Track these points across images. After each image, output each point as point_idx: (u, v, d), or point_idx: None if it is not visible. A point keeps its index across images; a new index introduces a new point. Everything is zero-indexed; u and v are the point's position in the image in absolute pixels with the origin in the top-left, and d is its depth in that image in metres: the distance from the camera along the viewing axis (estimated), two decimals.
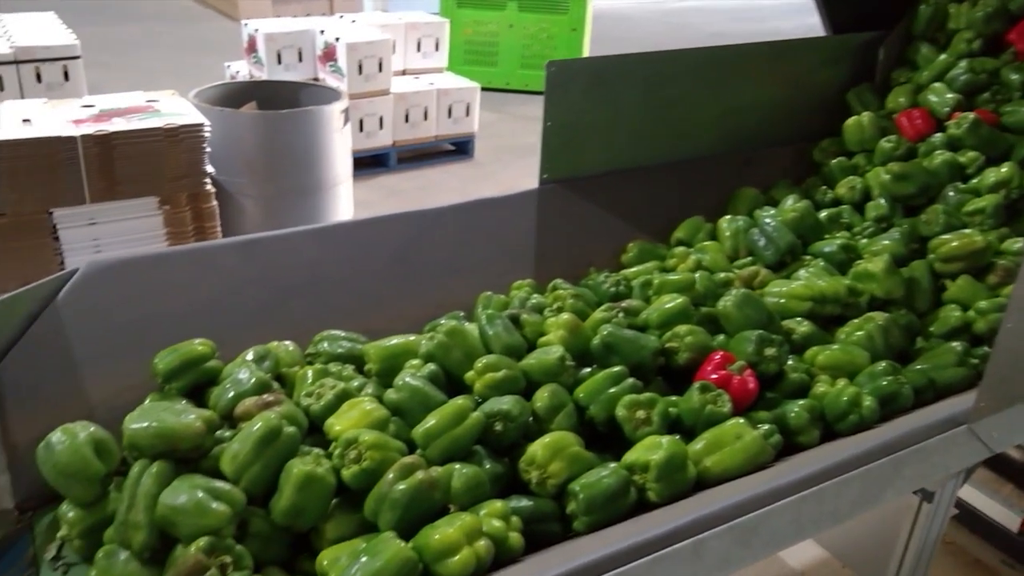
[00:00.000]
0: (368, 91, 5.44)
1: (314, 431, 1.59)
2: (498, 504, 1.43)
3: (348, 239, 2.09)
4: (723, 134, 2.70)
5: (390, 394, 1.61)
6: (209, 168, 3.00)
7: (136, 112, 3.00)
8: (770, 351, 1.80)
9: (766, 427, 1.63)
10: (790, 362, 1.85)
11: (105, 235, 2.91)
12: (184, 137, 2.89)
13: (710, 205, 2.58)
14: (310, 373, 1.71)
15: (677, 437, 1.58)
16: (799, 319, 1.97)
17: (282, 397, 1.57)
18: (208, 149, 2.96)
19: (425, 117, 5.89)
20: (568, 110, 2.35)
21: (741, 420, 1.62)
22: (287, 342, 1.86)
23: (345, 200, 3.91)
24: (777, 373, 1.82)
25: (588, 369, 1.78)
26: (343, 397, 1.60)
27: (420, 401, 1.59)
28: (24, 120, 2.87)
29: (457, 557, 1.27)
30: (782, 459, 1.65)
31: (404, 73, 6.06)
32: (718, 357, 1.77)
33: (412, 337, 1.85)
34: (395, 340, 1.82)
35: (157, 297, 1.86)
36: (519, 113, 7.52)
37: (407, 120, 5.82)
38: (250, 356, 1.75)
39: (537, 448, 1.51)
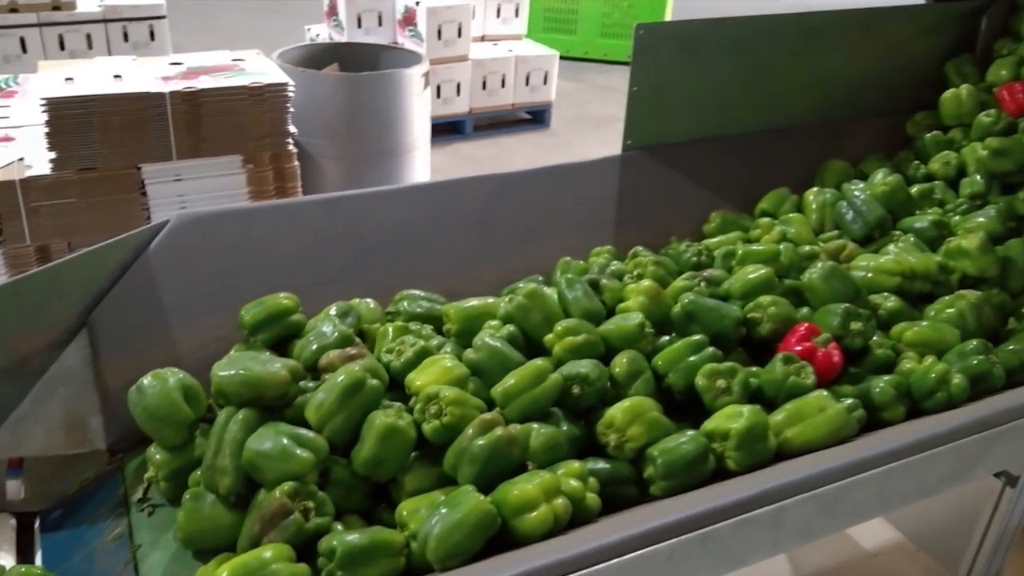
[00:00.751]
0: (446, 57, 5.43)
1: (394, 387, 1.60)
2: (575, 464, 1.44)
3: (430, 200, 2.10)
4: (812, 104, 2.61)
5: (469, 353, 1.63)
6: (292, 128, 3.03)
7: (222, 71, 3.05)
8: (856, 325, 1.76)
9: (850, 401, 1.60)
10: (876, 338, 1.80)
11: (190, 191, 2.98)
12: (269, 96, 2.93)
13: (796, 177, 2.51)
14: (391, 330, 1.74)
15: (758, 407, 1.55)
16: (886, 294, 1.91)
17: (365, 351, 1.59)
18: (291, 109, 2.99)
19: (503, 84, 5.85)
20: (655, 75, 2.30)
21: (824, 393, 1.60)
22: (368, 300, 1.88)
23: (421, 165, 3.92)
24: (862, 348, 1.78)
25: (667, 337, 1.77)
26: (423, 354, 1.61)
27: (499, 361, 1.60)
28: (115, 76, 2.94)
29: (535, 513, 1.29)
30: (866, 434, 1.60)
31: (483, 39, 6.02)
32: (803, 329, 1.73)
33: (491, 300, 1.85)
34: (474, 302, 1.83)
35: (243, 251, 1.89)
36: (597, 83, 7.40)
37: (484, 87, 5.79)
38: (333, 311, 1.77)
39: (616, 412, 1.51)
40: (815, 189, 2.36)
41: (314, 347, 1.62)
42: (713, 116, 2.45)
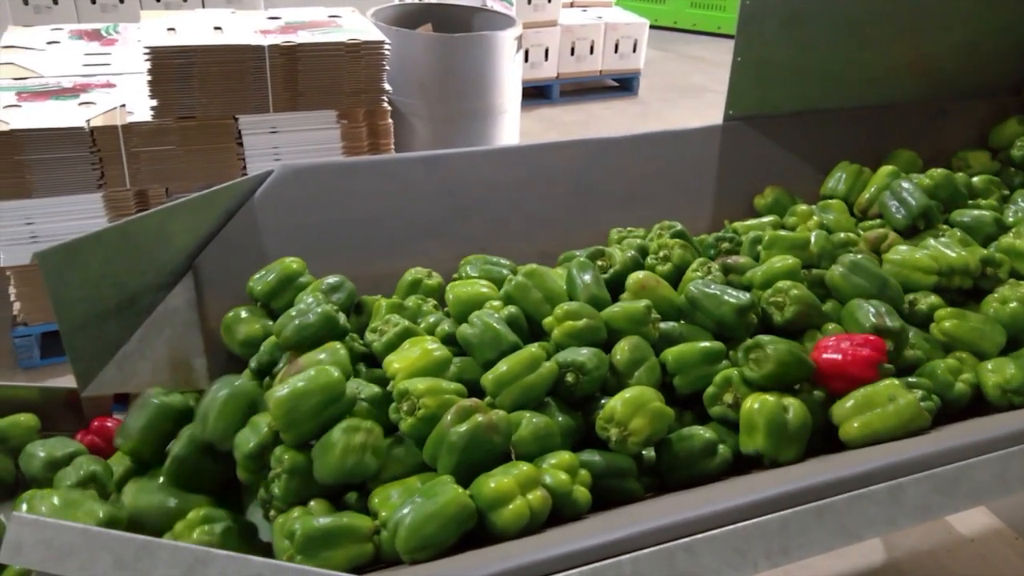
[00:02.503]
0: (536, 21, 5.35)
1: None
2: (566, 456, 1.36)
3: (527, 161, 2.07)
4: (918, 80, 2.48)
5: (464, 328, 1.55)
6: (387, 86, 3.03)
7: (319, 26, 3.06)
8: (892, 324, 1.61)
9: (920, 392, 1.48)
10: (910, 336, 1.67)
11: (284, 144, 3.01)
12: (365, 53, 2.93)
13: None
14: (383, 306, 1.69)
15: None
16: (925, 292, 1.78)
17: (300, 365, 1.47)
18: (387, 67, 2.99)
19: (591, 51, 5.76)
20: (760, 46, 2.22)
21: (896, 381, 1.48)
22: (420, 268, 1.84)
23: (510, 128, 3.89)
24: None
25: (673, 324, 1.67)
26: (405, 335, 1.56)
27: (492, 338, 1.51)
28: (216, 27, 2.98)
29: (510, 507, 1.22)
30: (937, 427, 1.50)
31: (572, 5, 5.92)
32: (831, 341, 1.59)
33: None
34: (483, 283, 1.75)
35: (343, 203, 1.90)
36: (686, 52, 7.22)
37: (572, 53, 5.70)
38: (325, 285, 1.71)
39: (616, 403, 1.40)
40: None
41: (296, 323, 1.54)
42: (815, 89, 2.35)
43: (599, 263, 1.81)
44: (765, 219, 2.14)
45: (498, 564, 0.99)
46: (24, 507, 1.33)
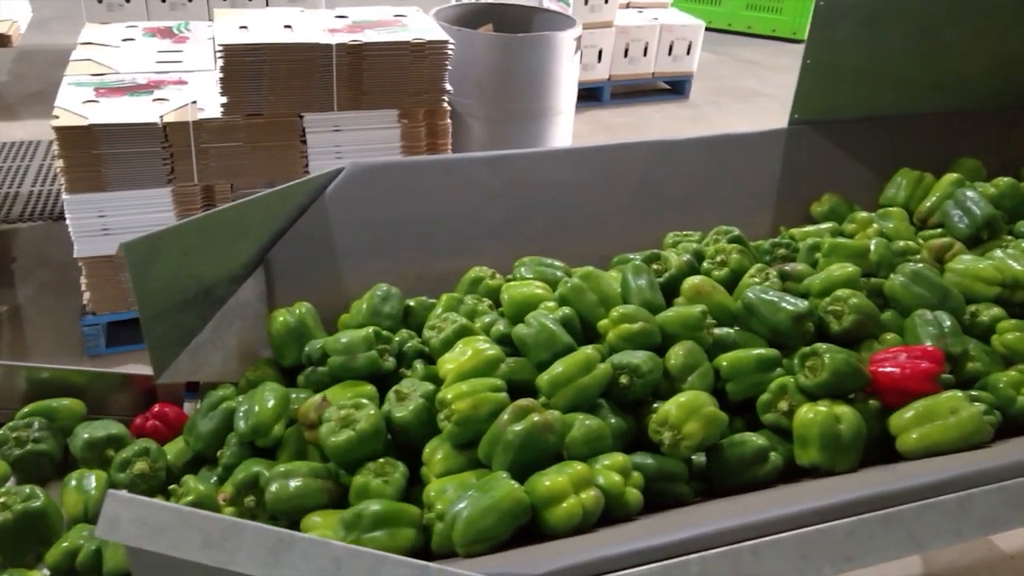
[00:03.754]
0: (593, 22, 5.35)
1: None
2: (619, 458, 1.37)
3: (590, 163, 2.09)
4: (993, 88, 2.44)
5: (519, 328, 1.57)
6: (447, 86, 3.07)
7: (385, 25, 3.11)
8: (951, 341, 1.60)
9: (983, 406, 1.46)
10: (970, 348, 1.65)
11: (346, 143, 3.07)
12: (429, 53, 2.97)
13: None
14: (441, 305, 1.74)
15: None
16: (987, 303, 1.75)
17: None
18: (449, 67, 3.03)
19: (644, 53, 5.73)
20: (831, 49, 2.20)
21: (959, 393, 1.46)
22: (484, 268, 1.87)
23: (564, 129, 3.90)
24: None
25: (728, 330, 1.67)
26: (461, 333, 1.59)
27: (547, 338, 1.52)
28: (286, 26, 3.05)
29: (563, 505, 1.23)
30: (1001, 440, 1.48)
31: (627, 6, 5.90)
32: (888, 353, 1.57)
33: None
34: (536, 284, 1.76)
35: (410, 201, 1.94)
36: (740, 56, 7.15)
37: (626, 54, 5.69)
38: (377, 296, 1.75)
39: (671, 407, 1.41)
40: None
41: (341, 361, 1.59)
42: (887, 95, 2.32)
43: (654, 267, 1.82)
44: (823, 226, 2.13)
45: (567, 559, 1.01)
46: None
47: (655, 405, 1.49)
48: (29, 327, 3.17)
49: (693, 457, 1.48)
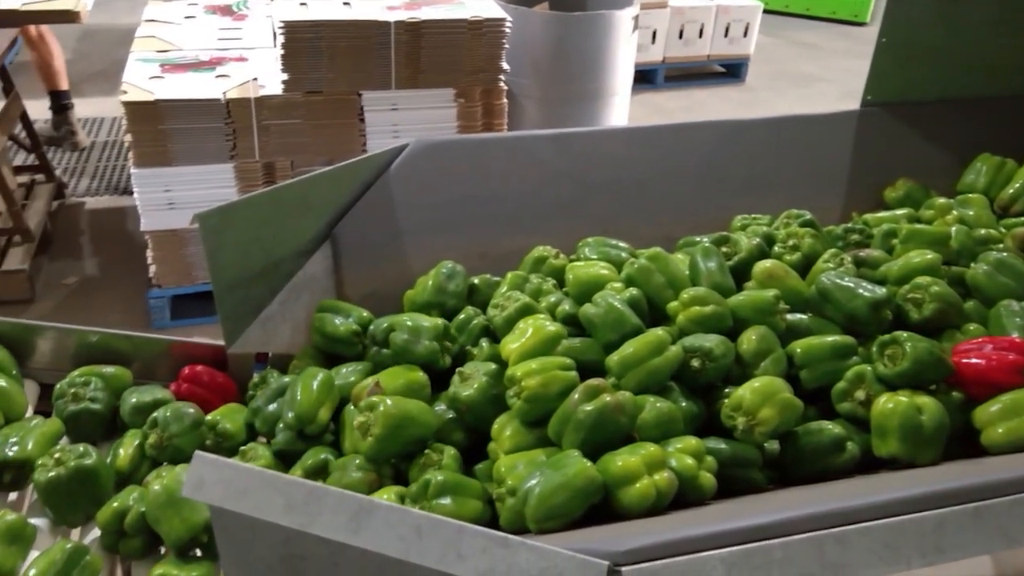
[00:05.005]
0: (646, 2, 5.27)
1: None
2: (692, 441, 1.35)
3: (656, 142, 2.06)
4: None
5: (587, 308, 1.54)
6: (504, 65, 3.05)
7: (443, 3, 3.10)
8: None
9: None
10: None
11: (403, 121, 3.07)
12: (487, 31, 2.96)
13: None
14: (506, 283, 1.73)
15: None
16: None
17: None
18: (507, 45, 3.01)
19: (700, 35, 5.64)
20: (908, 27, 2.13)
21: None
22: (548, 247, 1.85)
23: (620, 111, 3.86)
24: None
25: (801, 316, 1.62)
26: (524, 311, 1.58)
27: (615, 319, 1.50)
28: (344, 3, 3.06)
29: (637, 486, 1.22)
30: None
31: None
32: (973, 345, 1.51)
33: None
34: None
35: (474, 179, 1.93)
36: (797, 39, 6.99)
37: (681, 36, 5.60)
38: (442, 274, 1.76)
39: (745, 392, 1.38)
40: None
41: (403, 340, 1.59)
42: (966, 76, 2.24)
43: (723, 249, 1.79)
44: (898, 212, 2.07)
45: (649, 537, 1.00)
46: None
47: (726, 390, 1.47)
48: (97, 299, 3.25)
49: (765, 444, 1.45)
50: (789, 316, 1.61)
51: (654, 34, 5.51)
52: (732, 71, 6.00)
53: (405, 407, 1.40)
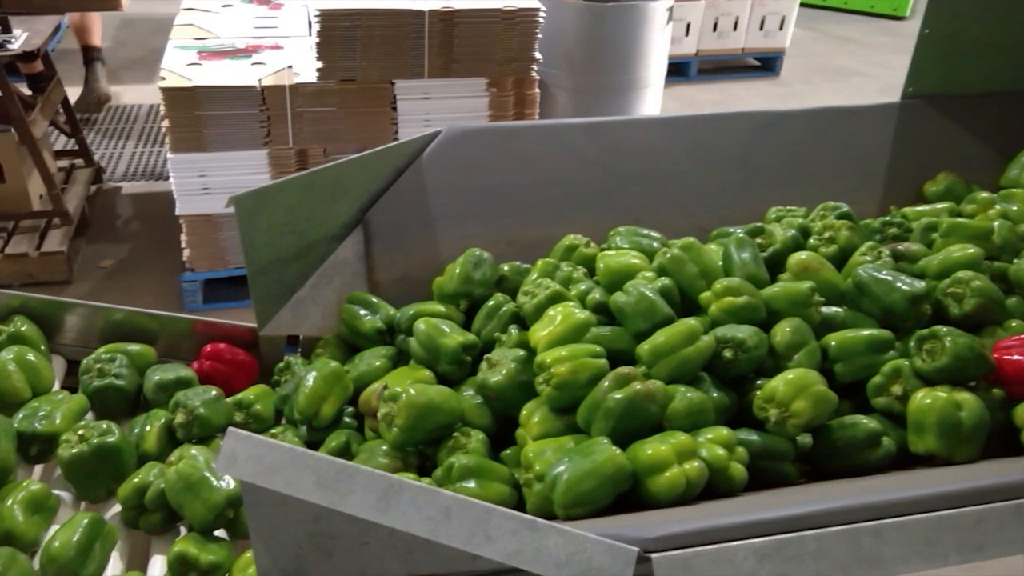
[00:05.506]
0: None
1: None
2: (723, 431, 1.33)
3: (690, 132, 2.04)
4: None
5: (617, 296, 1.53)
6: (537, 55, 3.04)
7: None
8: None
9: None
10: None
11: (435, 111, 3.07)
12: (520, 21, 2.95)
13: None
14: (536, 270, 1.71)
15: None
16: None
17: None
18: (540, 35, 3.00)
19: (735, 27, 5.58)
20: (952, 19, 2.08)
21: None
22: (578, 235, 1.84)
23: (653, 103, 3.83)
24: None
25: (836, 309, 1.59)
26: (555, 299, 1.56)
27: (646, 308, 1.48)
28: None
29: (666, 475, 1.21)
30: None
31: None
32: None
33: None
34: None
35: (506, 167, 1.93)
36: (834, 33, 6.89)
37: (715, 28, 5.55)
38: (471, 261, 1.74)
39: (778, 384, 1.35)
40: None
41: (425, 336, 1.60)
42: (1011, 69, 2.19)
43: (757, 241, 1.77)
44: (939, 206, 2.02)
45: (679, 525, 0.99)
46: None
47: (758, 382, 1.45)
48: (132, 282, 3.30)
49: (797, 438, 1.43)
50: (824, 309, 1.58)
51: (688, 26, 5.46)
52: (767, 65, 5.93)
53: (428, 395, 1.40)
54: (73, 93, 3.92)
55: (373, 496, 1.01)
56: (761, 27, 5.66)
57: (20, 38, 3.18)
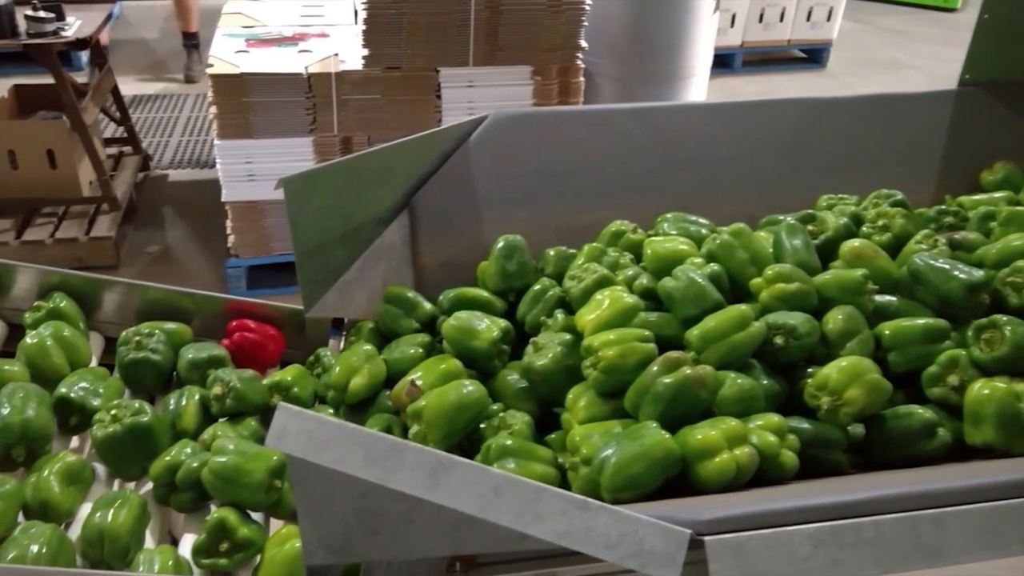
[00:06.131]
0: None
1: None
2: (774, 418, 1.30)
3: (740, 118, 2.00)
4: None
5: (666, 281, 1.50)
6: (583, 43, 3.02)
7: None
8: None
9: None
10: None
11: (479, 99, 3.07)
12: (566, 9, 2.93)
13: None
14: (582, 255, 1.69)
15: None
16: None
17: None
18: (586, 23, 2.98)
19: (781, 18, 5.49)
20: (1012, 4, 2.01)
21: None
22: (626, 221, 1.81)
23: (698, 93, 3.78)
24: None
25: (889, 298, 1.55)
26: (602, 283, 1.54)
27: (695, 294, 1.46)
28: None
29: (716, 460, 1.18)
30: None
31: None
32: None
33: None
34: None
35: (552, 152, 1.91)
36: (882, 24, 6.75)
37: (761, 19, 5.47)
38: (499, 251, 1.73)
39: (831, 371, 1.32)
40: None
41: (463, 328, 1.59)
42: None
43: (809, 228, 1.73)
44: (996, 195, 1.97)
45: (733, 508, 0.97)
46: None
47: (809, 370, 1.42)
48: (177, 267, 3.36)
49: (848, 428, 1.40)
50: (877, 297, 1.55)
51: (733, 17, 5.39)
52: (813, 57, 5.84)
53: (447, 399, 1.39)
54: (123, 85, 3.98)
55: (422, 473, 1.01)
56: (808, 18, 5.58)
57: (73, 25, 3.25)
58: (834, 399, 1.32)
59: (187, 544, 1.42)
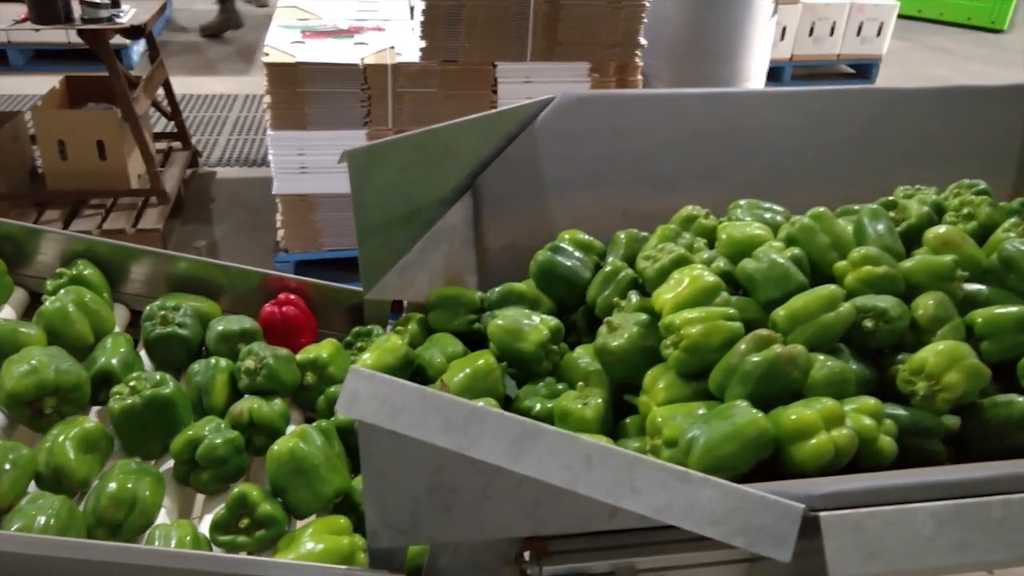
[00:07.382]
0: None
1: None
2: (870, 402, 1.22)
3: (812, 107, 1.93)
4: None
5: (747, 263, 1.44)
6: (642, 40, 2.97)
7: None
8: None
9: None
10: None
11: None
12: (626, 5, 2.89)
13: None
14: (656, 236, 1.63)
15: None
16: None
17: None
18: (646, 20, 2.93)
19: (831, 32, 5.41)
20: None
21: None
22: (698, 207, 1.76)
23: None
24: None
25: (979, 287, 1.47)
26: (679, 263, 1.47)
27: (778, 275, 1.39)
28: None
29: (812, 441, 1.11)
30: None
31: None
32: None
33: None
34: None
35: (620, 136, 1.86)
36: (929, 43, 6.64)
37: (811, 33, 5.39)
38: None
39: (928, 355, 1.25)
40: None
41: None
42: None
43: (890, 215, 1.66)
44: None
45: (847, 484, 0.90)
46: None
47: (899, 356, 1.34)
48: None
49: (941, 418, 1.31)
50: (967, 285, 1.46)
51: (783, 30, 5.32)
52: (862, 72, 5.74)
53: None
54: (175, 82, 4.01)
55: (506, 441, 0.94)
56: (858, 33, 5.49)
57: (128, 12, 3.26)
58: (931, 384, 1.24)
59: (206, 525, 1.33)
